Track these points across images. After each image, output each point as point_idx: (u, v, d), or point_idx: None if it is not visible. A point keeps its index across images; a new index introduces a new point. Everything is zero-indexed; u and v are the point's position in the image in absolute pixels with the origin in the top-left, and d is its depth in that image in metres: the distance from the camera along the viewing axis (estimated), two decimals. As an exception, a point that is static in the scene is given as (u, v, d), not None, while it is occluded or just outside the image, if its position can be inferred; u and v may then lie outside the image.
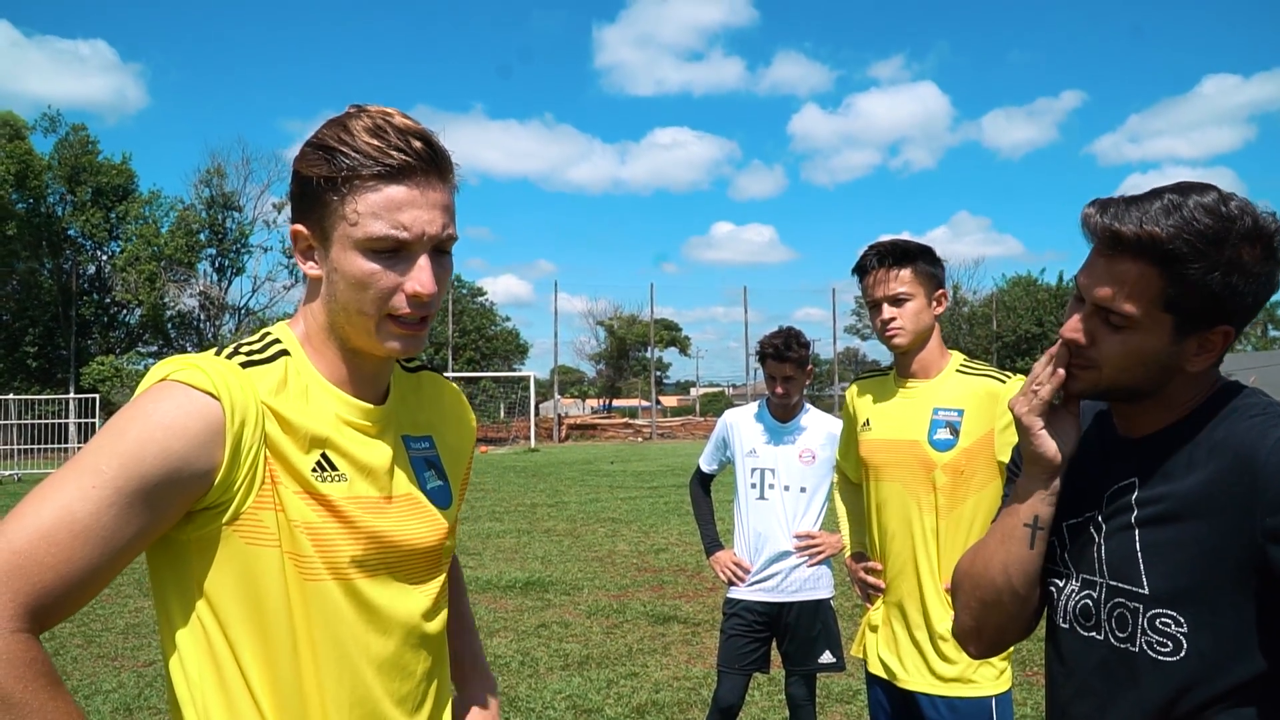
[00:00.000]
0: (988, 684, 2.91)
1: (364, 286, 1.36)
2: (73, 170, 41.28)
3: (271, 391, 1.37)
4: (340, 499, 1.39)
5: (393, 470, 1.49)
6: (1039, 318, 47.11)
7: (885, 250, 3.04)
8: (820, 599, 4.28)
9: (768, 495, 4.27)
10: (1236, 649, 1.42)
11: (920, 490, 2.98)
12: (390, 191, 1.34)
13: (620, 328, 60.29)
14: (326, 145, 1.36)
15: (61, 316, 40.92)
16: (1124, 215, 1.46)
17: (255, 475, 1.32)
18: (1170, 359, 1.50)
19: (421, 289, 1.37)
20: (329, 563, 1.38)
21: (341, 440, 1.43)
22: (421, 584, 1.51)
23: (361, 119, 1.37)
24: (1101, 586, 1.57)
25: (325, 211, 1.37)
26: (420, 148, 1.36)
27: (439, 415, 1.65)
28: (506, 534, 12.63)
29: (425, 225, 1.37)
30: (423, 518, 1.51)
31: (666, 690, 6.01)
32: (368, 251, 1.35)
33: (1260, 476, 1.39)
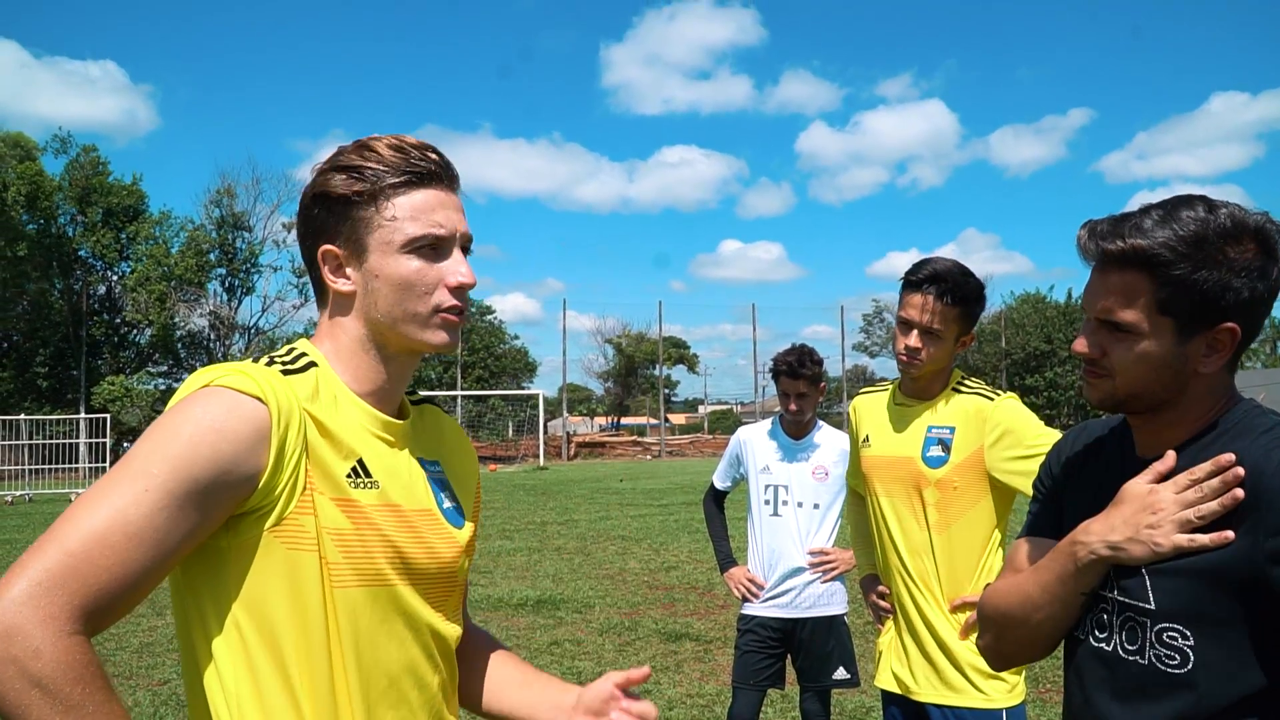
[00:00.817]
0: (1000, 697, 2.92)
1: (410, 285, 1.45)
2: (83, 191, 41.56)
3: (308, 399, 1.40)
4: (372, 505, 1.42)
5: (413, 484, 1.52)
6: (1048, 335, 47.08)
7: (943, 280, 2.93)
8: (834, 615, 4.29)
9: (781, 512, 4.28)
10: (1241, 664, 1.45)
11: (915, 506, 3.02)
12: (422, 195, 1.46)
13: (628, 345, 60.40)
14: (352, 165, 1.45)
15: (72, 337, 41.13)
16: (1109, 232, 1.54)
17: (297, 480, 1.35)
18: (1180, 361, 1.54)
19: (465, 278, 1.47)
20: (356, 569, 1.39)
21: (372, 449, 1.47)
22: (438, 599, 1.53)
23: (379, 139, 1.48)
24: (1112, 601, 1.60)
25: (358, 225, 1.45)
26: (436, 158, 1.49)
27: (443, 444, 1.68)
28: (517, 552, 12.63)
29: (456, 222, 1.49)
30: (441, 534, 1.53)
31: (680, 708, 6.00)
32: (410, 252, 1.44)
33: (1264, 498, 1.43)
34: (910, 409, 3.09)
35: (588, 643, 7.68)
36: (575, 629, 8.17)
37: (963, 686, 2.93)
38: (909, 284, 2.99)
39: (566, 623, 8.41)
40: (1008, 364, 47.02)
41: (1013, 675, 2.93)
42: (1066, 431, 1.94)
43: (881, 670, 3.19)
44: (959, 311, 2.94)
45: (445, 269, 1.47)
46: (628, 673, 1.67)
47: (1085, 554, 1.58)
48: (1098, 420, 1.85)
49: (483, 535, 14.15)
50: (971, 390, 3.04)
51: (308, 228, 1.50)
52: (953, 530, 2.95)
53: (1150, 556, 1.51)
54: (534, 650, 7.42)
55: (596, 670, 6.82)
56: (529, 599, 9.33)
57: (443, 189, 1.49)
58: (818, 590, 4.25)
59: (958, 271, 2.95)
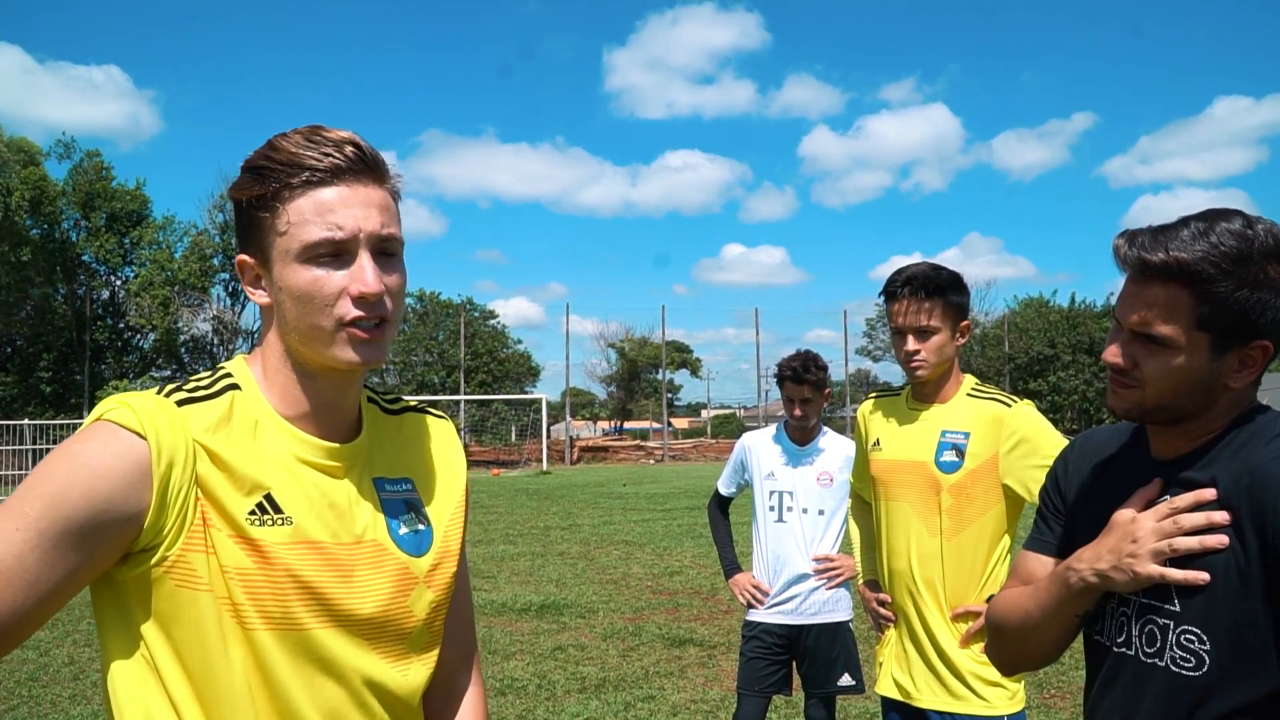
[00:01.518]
0: (1001, 704, 2.92)
1: (310, 297, 1.31)
2: (87, 196, 41.58)
3: (209, 429, 1.30)
4: (277, 544, 1.31)
5: (354, 514, 1.40)
6: (1051, 339, 47.02)
7: (915, 280, 3.01)
8: (839, 621, 4.28)
9: (786, 518, 4.28)
10: (1255, 666, 1.47)
11: (927, 511, 3.01)
12: (320, 195, 1.31)
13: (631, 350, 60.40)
14: (256, 166, 1.33)
15: (75, 342, 41.15)
16: (1151, 244, 1.54)
17: (185, 517, 1.26)
18: (1211, 376, 1.55)
19: (366, 288, 1.30)
20: (263, 612, 1.29)
21: (292, 480, 1.34)
22: (375, 642, 1.40)
23: (289, 135, 1.35)
24: (1134, 604, 1.61)
25: (262, 232, 1.33)
26: (350, 151, 1.33)
27: (421, 457, 1.55)
28: (521, 556, 12.62)
29: (360, 222, 1.32)
30: (381, 565, 1.40)
31: (684, 713, 5.99)
32: (307, 260, 1.30)
33: (1270, 502, 1.45)
34: (922, 413, 3.10)
35: (591, 648, 7.67)
36: (579, 634, 8.16)
37: (964, 694, 2.93)
38: (889, 295, 3.07)
39: (570, 628, 8.41)
40: (1011, 368, 46.95)
41: (1013, 683, 2.93)
42: (1071, 439, 1.94)
43: (882, 677, 3.19)
44: (942, 304, 2.99)
45: (349, 276, 1.32)
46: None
47: (1076, 580, 1.63)
48: (1103, 428, 1.86)
49: (486, 540, 14.16)
50: (988, 396, 3.04)
51: (235, 233, 1.41)
52: (963, 537, 2.95)
53: (1132, 585, 1.57)
54: (538, 655, 7.41)
55: (601, 675, 6.81)
56: (532, 604, 9.32)
57: (351, 184, 1.32)
58: (823, 597, 4.24)
59: (928, 268, 3.03)
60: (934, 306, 2.98)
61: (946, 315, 2.99)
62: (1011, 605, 1.78)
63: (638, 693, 6.42)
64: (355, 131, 1.38)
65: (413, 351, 45.52)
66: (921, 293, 2.98)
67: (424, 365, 45.10)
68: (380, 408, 1.55)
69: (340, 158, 1.32)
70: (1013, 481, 2.88)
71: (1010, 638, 1.80)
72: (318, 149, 1.31)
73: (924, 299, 2.98)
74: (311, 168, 1.31)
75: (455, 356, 43.59)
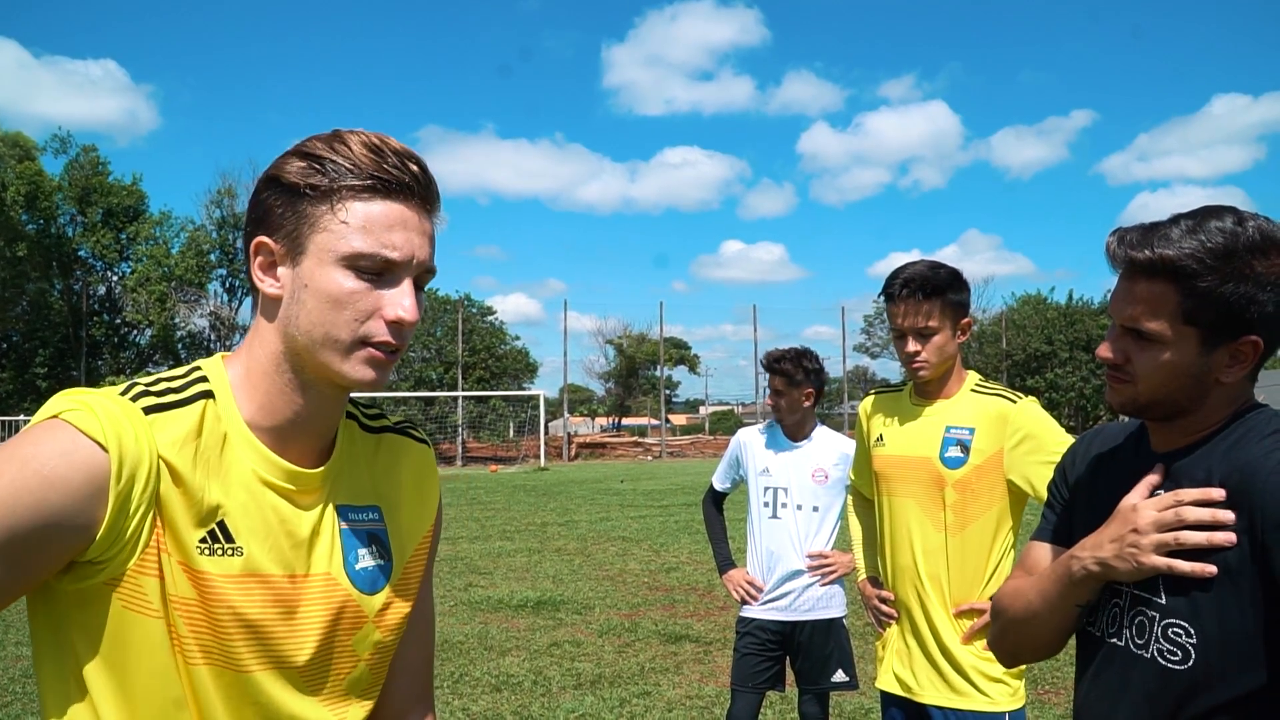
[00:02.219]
0: (1003, 700, 2.92)
1: (341, 306, 1.24)
2: (83, 191, 41.54)
3: (175, 444, 1.21)
4: (221, 577, 1.22)
5: (311, 545, 1.31)
6: (1049, 336, 47.07)
7: (914, 281, 2.98)
8: (833, 618, 4.28)
9: (780, 514, 4.27)
10: (1241, 661, 1.47)
11: (932, 507, 3.00)
12: (384, 207, 1.25)
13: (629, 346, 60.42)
14: (317, 154, 1.26)
15: (72, 337, 41.11)
16: (1139, 241, 1.56)
17: (141, 537, 1.17)
18: (1202, 370, 1.57)
19: (405, 314, 1.25)
20: (202, 646, 1.22)
21: (250, 503, 1.26)
22: (316, 676, 1.32)
23: (358, 134, 1.28)
24: (1126, 595, 1.63)
25: (304, 221, 1.25)
26: (417, 170, 1.28)
27: (393, 484, 1.45)
28: (518, 553, 12.62)
29: (416, 249, 1.26)
30: (328, 602, 1.32)
31: (679, 709, 5.99)
32: (351, 268, 1.24)
33: (1260, 496, 1.46)
34: (926, 409, 3.09)
35: (587, 644, 7.67)
36: (575, 630, 8.16)
37: (966, 689, 2.93)
38: (888, 296, 3.04)
39: (566, 624, 8.40)
40: (1008, 365, 46.98)
41: (1014, 679, 2.93)
42: (1082, 434, 1.96)
43: (883, 672, 3.19)
44: (940, 303, 2.96)
45: (386, 298, 1.25)
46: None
47: (1079, 569, 1.64)
48: (1113, 424, 1.88)
49: (483, 536, 14.17)
50: (992, 392, 3.04)
51: (253, 213, 1.30)
52: (967, 532, 2.95)
53: (1134, 574, 1.57)
54: (534, 651, 7.41)
55: (596, 671, 6.81)
56: (529, 600, 9.32)
57: (412, 207, 1.27)
58: (817, 593, 4.24)
59: (926, 269, 3.00)
60: (933, 307, 2.96)
61: (946, 315, 2.98)
62: (1014, 594, 1.80)
63: (633, 689, 6.42)
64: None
65: (410, 347, 45.36)
66: (920, 294, 2.96)
67: (422, 361, 45.01)
68: (360, 424, 1.46)
69: (409, 176, 1.26)
70: (1017, 477, 2.88)
71: (1013, 627, 1.81)
72: (387, 159, 1.25)
73: (923, 300, 2.96)
74: (381, 177, 1.25)
75: (453, 353, 43.54)
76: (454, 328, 44.11)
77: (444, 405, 41.54)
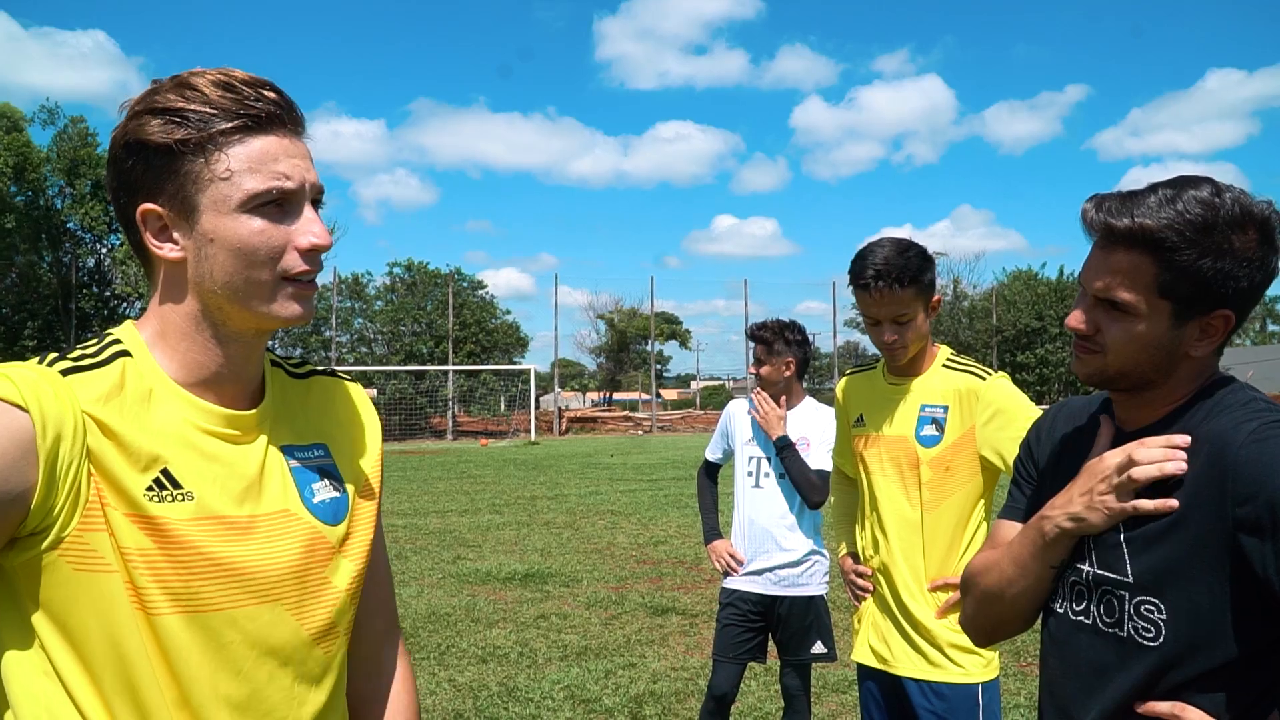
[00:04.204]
0: (976, 671, 2.94)
1: (253, 249, 1.23)
2: (71, 163, 41.22)
3: (99, 400, 1.20)
4: (178, 521, 1.21)
5: (262, 483, 1.31)
6: (1039, 312, 47.10)
7: (888, 271, 2.93)
8: (813, 595, 4.30)
9: (763, 484, 4.30)
10: (1212, 635, 1.48)
11: (907, 485, 3.04)
12: (261, 142, 1.23)
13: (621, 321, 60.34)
14: (171, 107, 1.21)
15: (61, 310, 40.95)
16: (1118, 209, 1.53)
17: (78, 495, 1.16)
18: (1173, 343, 1.56)
19: (318, 239, 1.26)
20: (170, 594, 1.20)
21: (192, 451, 1.25)
22: (297, 611, 1.32)
23: (201, 76, 1.24)
24: (1089, 574, 1.63)
25: (184, 180, 1.22)
26: (275, 97, 1.25)
27: (333, 421, 1.47)
28: (506, 526, 12.66)
29: (304, 173, 1.27)
30: (295, 535, 1.33)
31: (664, 680, 6.04)
32: (251, 210, 1.23)
33: (1230, 468, 1.46)
34: (901, 387, 3.10)
35: (574, 616, 7.71)
36: (562, 603, 8.20)
37: (941, 661, 2.96)
38: (860, 286, 2.99)
39: (554, 596, 8.45)
40: (999, 341, 47.03)
41: (988, 651, 2.95)
42: (1046, 410, 1.95)
43: (859, 645, 3.22)
44: (914, 291, 2.94)
45: (294, 229, 1.26)
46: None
47: (1051, 528, 1.63)
48: (1077, 398, 1.87)
49: (472, 510, 14.20)
50: (963, 368, 3.04)
51: (120, 181, 1.26)
52: (942, 509, 2.98)
53: (1105, 522, 1.57)
54: (521, 624, 7.45)
55: (583, 644, 6.85)
56: (517, 572, 9.36)
57: (285, 134, 1.26)
58: (799, 570, 4.27)
59: (896, 255, 2.95)
60: (907, 294, 2.94)
61: (919, 298, 2.97)
62: (987, 565, 1.79)
63: (619, 660, 6.47)
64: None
65: (400, 321, 45.37)
66: (896, 285, 2.93)
67: (412, 335, 44.95)
68: (286, 372, 1.47)
69: (271, 105, 1.25)
70: (989, 453, 2.89)
71: (987, 599, 1.80)
72: (247, 95, 1.23)
73: (898, 289, 2.93)
74: (247, 114, 1.22)
75: (443, 327, 43.47)
76: (444, 302, 44.03)
77: (434, 379, 41.50)
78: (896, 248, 2.98)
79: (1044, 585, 1.71)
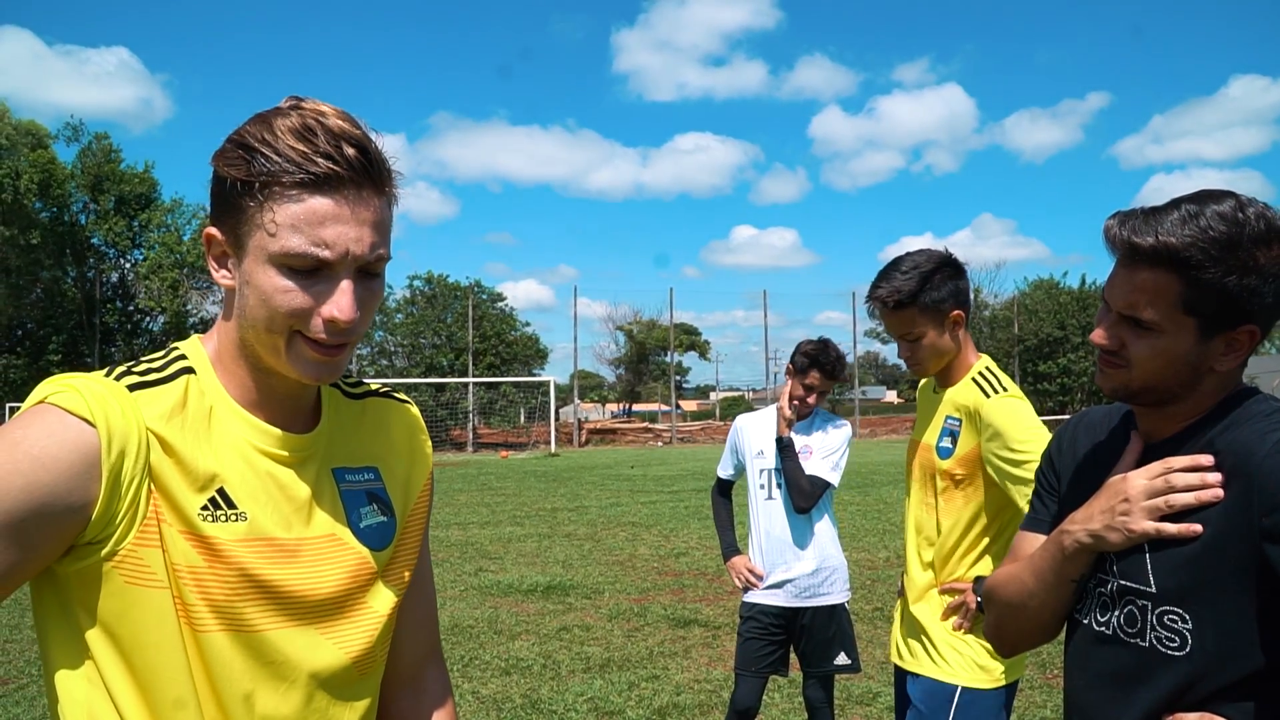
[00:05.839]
0: (962, 673, 2.94)
1: (275, 306, 1.21)
2: (95, 179, 41.70)
3: (163, 417, 1.22)
4: (231, 541, 1.23)
5: (312, 507, 1.33)
6: (1061, 321, 46.86)
7: (882, 298, 3.00)
8: (835, 604, 4.30)
9: (775, 495, 4.30)
10: (1239, 645, 1.47)
11: (927, 492, 3.11)
12: (313, 203, 1.19)
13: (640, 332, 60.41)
14: (247, 144, 1.20)
15: (85, 324, 41.32)
16: (1142, 227, 1.53)
17: (137, 510, 1.18)
18: (1198, 359, 1.55)
19: (340, 315, 1.21)
20: (216, 612, 1.22)
21: (248, 472, 1.27)
22: (337, 634, 1.33)
23: (290, 117, 1.20)
24: (1112, 584, 1.62)
25: (241, 218, 1.21)
26: (353, 155, 1.19)
27: (386, 445, 1.47)
28: (528, 538, 12.66)
29: (350, 244, 1.20)
30: (340, 561, 1.34)
31: (687, 693, 6.02)
32: (283, 268, 1.20)
33: (1256, 478, 1.45)
34: (939, 396, 3.14)
35: (597, 628, 7.71)
36: (585, 615, 8.20)
37: (924, 656, 3.04)
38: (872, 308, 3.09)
39: (576, 608, 8.44)
40: (1020, 350, 46.80)
41: (995, 662, 2.93)
42: (1067, 420, 1.95)
43: (891, 642, 3.31)
44: (916, 309, 2.97)
45: (324, 296, 1.22)
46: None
47: (1070, 542, 1.64)
48: (1098, 408, 1.87)
49: (493, 521, 14.22)
50: (981, 382, 3.03)
51: (210, 199, 1.27)
52: (951, 518, 3.01)
53: (1125, 542, 1.57)
54: (543, 636, 7.45)
55: (606, 656, 6.85)
56: (539, 585, 9.36)
57: (347, 199, 1.20)
58: (818, 579, 4.26)
59: (897, 276, 2.98)
60: (907, 316, 2.99)
61: (925, 318, 2.99)
62: (1008, 578, 1.79)
63: (642, 672, 6.45)
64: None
65: (421, 334, 45.54)
66: (892, 307, 2.99)
67: (432, 348, 45.11)
68: (342, 392, 1.47)
69: (341, 164, 1.19)
70: (991, 470, 2.90)
71: (1009, 612, 1.80)
72: (320, 149, 1.18)
73: (899, 310, 2.99)
74: (307, 170, 1.18)
75: (463, 339, 43.62)
76: (464, 314, 44.17)
77: (455, 391, 41.63)
78: (899, 270, 3.01)
79: (1066, 597, 1.71)
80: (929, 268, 2.99)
